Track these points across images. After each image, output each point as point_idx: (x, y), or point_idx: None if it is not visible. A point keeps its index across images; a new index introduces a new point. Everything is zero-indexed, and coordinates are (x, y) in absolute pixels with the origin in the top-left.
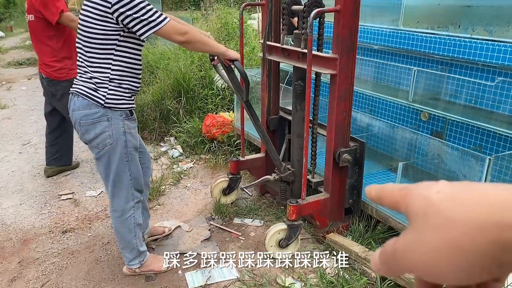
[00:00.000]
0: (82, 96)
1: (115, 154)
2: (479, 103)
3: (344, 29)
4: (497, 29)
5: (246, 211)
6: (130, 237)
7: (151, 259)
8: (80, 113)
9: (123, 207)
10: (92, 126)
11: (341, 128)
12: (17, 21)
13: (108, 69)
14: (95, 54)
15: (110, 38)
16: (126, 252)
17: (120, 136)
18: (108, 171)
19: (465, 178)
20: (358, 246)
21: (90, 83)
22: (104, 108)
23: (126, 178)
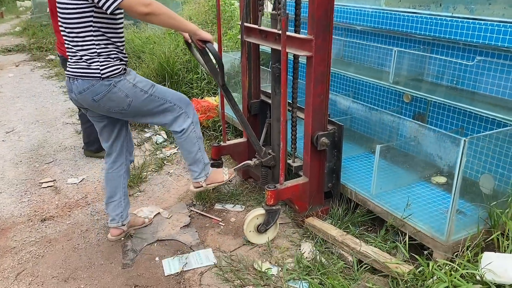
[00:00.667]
0: (81, 78)
1: (141, 103)
2: (461, 83)
3: (319, 9)
4: (478, 7)
5: (228, 196)
6: (195, 150)
7: (213, 173)
8: (89, 92)
9: (183, 126)
10: (107, 98)
11: (318, 111)
12: (8, 7)
13: (93, 45)
14: (77, 34)
15: (85, 16)
16: (193, 167)
17: (133, 89)
18: (150, 118)
19: (441, 159)
20: (335, 230)
21: (81, 63)
22: (103, 79)
23: (168, 106)
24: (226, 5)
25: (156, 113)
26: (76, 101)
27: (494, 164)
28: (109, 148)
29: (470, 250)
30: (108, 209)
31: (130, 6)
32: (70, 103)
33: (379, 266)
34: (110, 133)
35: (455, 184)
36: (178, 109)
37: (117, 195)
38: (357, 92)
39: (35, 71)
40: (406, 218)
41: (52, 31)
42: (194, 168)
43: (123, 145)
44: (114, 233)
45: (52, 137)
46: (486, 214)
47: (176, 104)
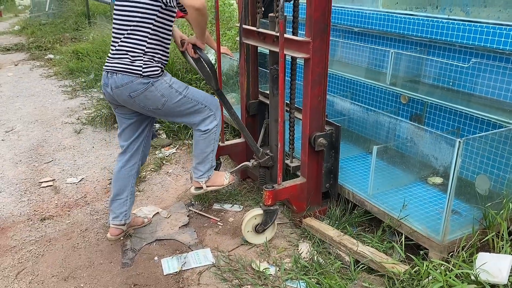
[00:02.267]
0: (121, 73)
1: (175, 104)
2: (457, 85)
3: (316, 11)
4: (474, 9)
5: (226, 196)
6: (209, 151)
7: (214, 176)
8: (126, 88)
9: (208, 127)
10: (143, 95)
11: (316, 112)
12: (6, 5)
13: (144, 43)
14: (134, 30)
15: (151, 13)
16: (200, 166)
17: (169, 90)
18: (180, 118)
19: (437, 160)
20: (333, 230)
21: (125, 59)
22: (143, 77)
23: (200, 108)
24: (225, 6)
25: (188, 113)
26: (111, 96)
27: (489, 165)
28: (126, 146)
29: (465, 250)
30: (113, 206)
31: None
32: (69, 103)
33: (376, 266)
34: (134, 131)
35: (450, 184)
36: (208, 111)
37: (124, 194)
38: (354, 93)
39: (34, 70)
40: (403, 219)
41: (50, 30)
42: (200, 167)
43: (141, 146)
44: (113, 233)
45: (51, 136)
46: (481, 215)
47: (207, 106)
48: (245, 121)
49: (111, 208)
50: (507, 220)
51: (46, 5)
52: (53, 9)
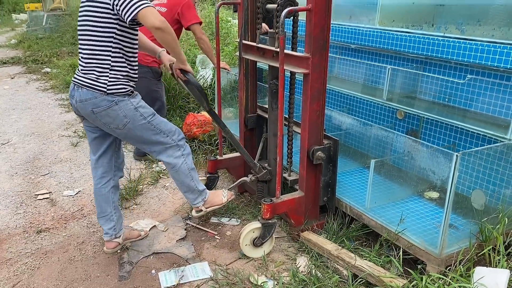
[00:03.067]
0: (86, 88)
1: (137, 128)
2: (453, 101)
3: (316, 28)
4: (468, 27)
5: (224, 210)
6: (188, 181)
7: (212, 196)
8: (89, 103)
9: (172, 159)
10: (105, 112)
11: (314, 126)
12: (3, 19)
13: (108, 58)
14: (96, 45)
15: (109, 27)
16: (188, 194)
17: (133, 112)
18: (140, 140)
19: (434, 174)
20: (331, 244)
21: (91, 74)
22: (107, 95)
23: (160, 138)
24: (222, 22)
25: (148, 140)
26: (76, 108)
27: (485, 180)
28: (95, 162)
29: (462, 264)
30: (100, 223)
31: (145, 16)
32: (65, 116)
33: (374, 280)
34: (99, 146)
35: (447, 198)
36: (170, 141)
37: (108, 210)
38: (352, 109)
39: (30, 84)
40: (400, 233)
41: (47, 44)
42: (189, 195)
43: (111, 160)
44: (109, 246)
45: (47, 149)
46: (477, 229)
47: (169, 136)
48: (243, 135)
49: (100, 224)
50: (503, 235)
51: (43, 19)
52: (50, 24)
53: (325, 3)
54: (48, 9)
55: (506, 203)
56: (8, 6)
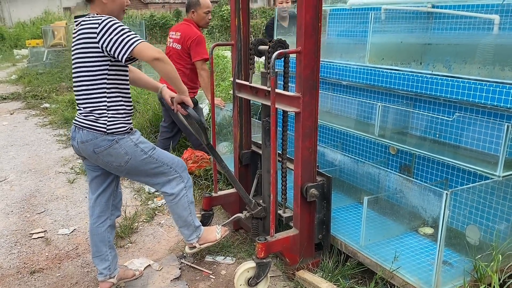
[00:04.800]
0: (86, 129)
1: (139, 163)
2: (443, 137)
3: (306, 69)
4: (455, 65)
5: (219, 248)
6: (186, 215)
7: (206, 232)
8: (91, 144)
9: (174, 190)
10: (106, 152)
11: (307, 163)
12: (4, 55)
13: (104, 98)
14: (91, 88)
15: (101, 69)
16: (184, 229)
17: (133, 149)
18: (143, 175)
19: (425, 212)
20: (326, 283)
21: (90, 115)
22: (107, 134)
23: (164, 169)
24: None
25: (151, 174)
26: (77, 149)
27: (478, 215)
28: (94, 201)
29: None
30: (95, 263)
31: (142, 50)
32: (63, 152)
33: None
34: (99, 185)
35: (439, 235)
36: (173, 172)
37: (103, 249)
38: (345, 144)
39: (29, 119)
40: (395, 271)
41: (47, 79)
42: (185, 231)
43: (109, 200)
44: (103, 287)
45: (44, 186)
46: (472, 266)
47: (172, 168)
48: (238, 171)
49: (95, 265)
50: (498, 272)
51: (44, 55)
52: (51, 59)
53: (314, 45)
54: (48, 45)
55: (500, 238)
56: (10, 42)
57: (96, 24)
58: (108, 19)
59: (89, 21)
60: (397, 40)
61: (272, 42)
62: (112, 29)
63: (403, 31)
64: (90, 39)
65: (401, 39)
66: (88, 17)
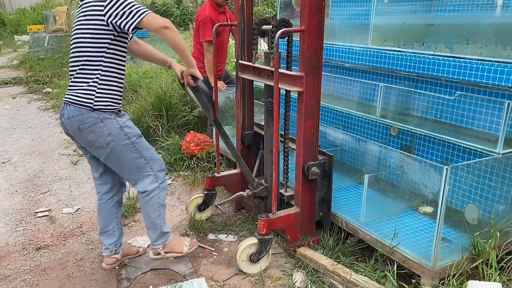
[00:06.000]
0: (73, 105)
1: (120, 148)
2: (444, 117)
3: (309, 48)
4: (457, 46)
5: (221, 226)
6: (154, 217)
7: (174, 241)
8: (76, 120)
9: (148, 188)
10: (90, 129)
11: (309, 143)
12: (5, 41)
13: (98, 71)
14: (87, 58)
15: (102, 42)
16: (150, 232)
17: (118, 131)
18: (120, 164)
19: (425, 187)
20: (326, 259)
21: (78, 91)
22: (93, 111)
23: (141, 163)
24: None
25: (128, 164)
26: (65, 126)
27: (478, 194)
28: (98, 178)
29: (455, 278)
30: (102, 238)
31: (151, 19)
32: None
33: None
34: (98, 164)
35: (439, 211)
36: (149, 170)
37: (110, 226)
38: (346, 126)
39: (31, 103)
40: (395, 247)
41: (49, 64)
42: (151, 233)
43: (115, 177)
44: (108, 262)
45: (47, 167)
46: (470, 243)
47: (149, 164)
48: (240, 152)
49: (102, 240)
50: (495, 249)
51: (45, 40)
52: (52, 45)
53: (318, 24)
54: (50, 30)
55: (499, 216)
56: (10, 28)
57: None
58: None
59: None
60: (399, 21)
61: (276, 22)
62: (120, 2)
63: (406, 12)
64: (96, 11)
65: (404, 20)
66: None
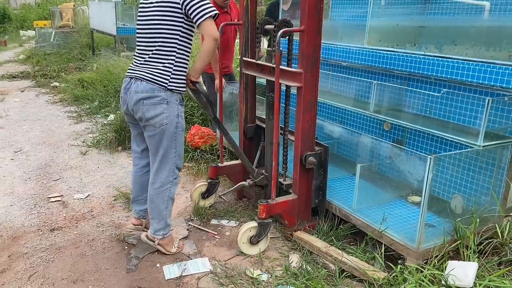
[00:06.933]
0: (146, 81)
1: (168, 133)
2: (433, 113)
3: (308, 47)
4: (446, 47)
5: (223, 213)
6: (162, 208)
7: (169, 239)
8: (144, 95)
9: (163, 180)
10: (153, 107)
11: (307, 135)
12: (11, 36)
13: (173, 56)
14: (164, 41)
15: (177, 25)
16: (155, 222)
17: (174, 118)
18: (158, 147)
19: (411, 175)
20: (321, 242)
21: (155, 69)
22: (166, 90)
23: (171, 155)
24: None
25: (162, 151)
26: (125, 101)
27: (462, 184)
28: (140, 152)
29: (438, 259)
30: (134, 206)
31: (212, 23)
32: (74, 127)
33: (358, 273)
34: (143, 141)
35: (423, 195)
36: (172, 164)
37: (143, 195)
38: (344, 122)
39: (40, 97)
40: (383, 231)
41: (55, 59)
42: (154, 223)
43: None
44: (134, 222)
45: (58, 157)
46: (452, 228)
47: (175, 159)
48: (242, 144)
49: (132, 207)
50: (475, 234)
51: (52, 36)
52: (58, 40)
53: (316, 24)
54: (56, 26)
55: (479, 204)
56: (16, 23)
57: None
58: None
59: None
60: (393, 23)
61: (278, 22)
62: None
63: (401, 14)
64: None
65: (397, 22)
66: None
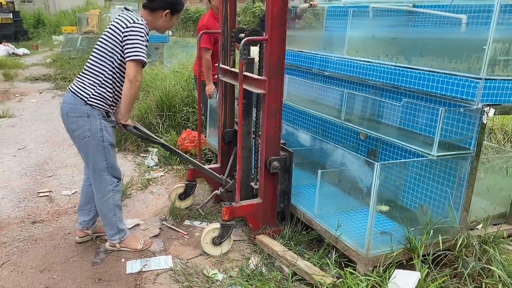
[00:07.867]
0: (72, 93)
1: (92, 146)
2: (402, 123)
3: (272, 56)
4: (414, 58)
5: (198, 214)
6: (110, 216)
7: (130, 238)
8: (68, 106)
9: (103, 190)
10: (75, 119)
11: (272, 140)
12: (44, 40)
13: (102, 76)
14: (97, 63)
15: (112, 55)
16: (107, 228)
17: (97, 131)
18: (88, 159)
19: (362, 181)
20: (279, 246)
21: (82, 84)
22: (86, 105)
23: (103, 165)
24: None
25: (94, 161)
26: (61, 110)
27: (428, 195)
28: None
29: (386, 266)
30: (79, 214)
31: (133, 67)
32: None
33: (308, 278)
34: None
35: (371, 202)
36: (107, 174)
37: (88, 206)
38: (324, 130)
39: (55, 99)
40: (339, 237)
41: (78, 64)
42: (108, 230)
43: None
44: (79, 234)
45: (57, 155)
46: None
47: (109, 169)
48: (221, 148)
49: (78, 215)
50: (427, 245)
51: (78, 41)
52: (83, 45)
53: (280, 35)
54: (82, 32)
55: (435, 213)
56: (49, 28)
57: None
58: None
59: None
60: (369, 34)
61: (247, 31)
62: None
63: (376, 26)
64: (119, 30)
65: (373, 33)
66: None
